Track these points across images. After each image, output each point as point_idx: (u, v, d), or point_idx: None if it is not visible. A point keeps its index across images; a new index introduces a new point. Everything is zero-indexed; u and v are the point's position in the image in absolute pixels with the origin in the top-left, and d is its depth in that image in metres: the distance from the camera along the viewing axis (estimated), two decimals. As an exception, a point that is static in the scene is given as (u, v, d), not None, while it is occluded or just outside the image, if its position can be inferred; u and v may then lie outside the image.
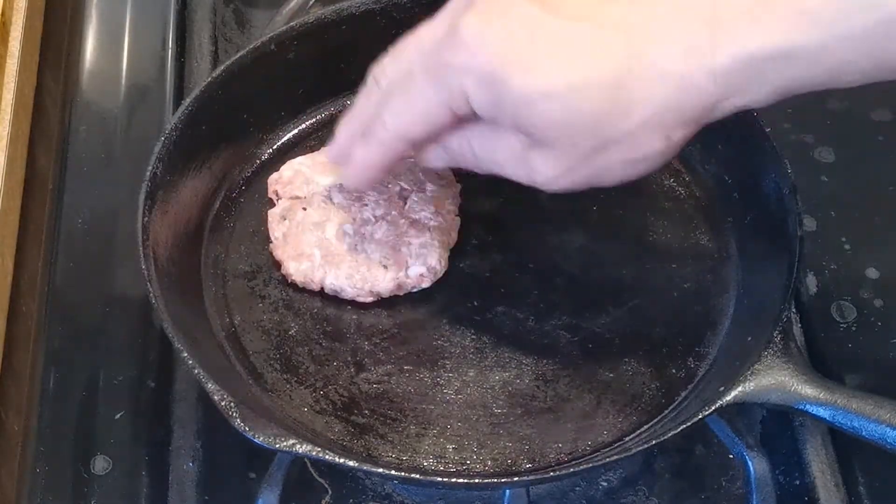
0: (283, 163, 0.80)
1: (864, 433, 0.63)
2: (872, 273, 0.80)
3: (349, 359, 0.72)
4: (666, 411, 0.70)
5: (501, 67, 0.58)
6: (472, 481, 0.66)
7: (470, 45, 0.58)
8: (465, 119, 0.62)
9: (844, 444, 0.72)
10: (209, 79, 0.78)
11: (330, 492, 0.71)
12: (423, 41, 0.63)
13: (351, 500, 0.71)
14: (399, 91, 0.64)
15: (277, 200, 0.78)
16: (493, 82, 0.58)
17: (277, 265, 0.76)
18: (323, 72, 0.83)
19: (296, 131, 0.83)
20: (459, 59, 0.59)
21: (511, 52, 0.58)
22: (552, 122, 0.59)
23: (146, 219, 0.71)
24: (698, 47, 0.57)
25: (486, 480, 0.67)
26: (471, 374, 0.72)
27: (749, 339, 0.69)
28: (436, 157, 0.67)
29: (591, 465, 0.66)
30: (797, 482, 0.72)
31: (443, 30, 0.61)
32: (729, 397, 0.64)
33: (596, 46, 0.58)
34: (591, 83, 0.57)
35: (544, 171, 0.61)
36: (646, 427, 0.69)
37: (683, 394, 0.71)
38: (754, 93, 0.58)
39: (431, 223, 0.76)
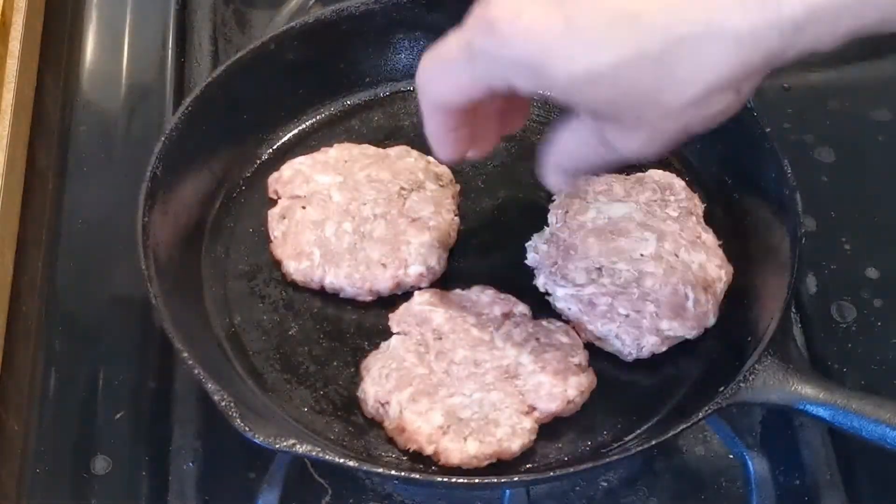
0: (283, 163, 0.80)
1: (864, 433, 0.63)
2: (872, 273, 0.80)
3: (349, 359, 0.72)
4: (666, 411, 0.70)
5: (539, 55, 0.54)
6: (472, 481, 0.66)
7: (504, 32, 0.55)
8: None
9: (844, 444, 0.72)
10: (209, 79, 0.78)
11: (330, 492, 0.70)
12: (463, 27, 0.58)
13: (351, 500, 0.71)
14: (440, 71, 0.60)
15: (277, 200, 0.78)
16: (532, 73, 0.55)
17: (277, 264, 0.76)
18: (323, 72, 0.83)
19: (296, 131, 0.83)
20: (494, 47, 0.55)
21: (547, 36, 0.54)
22: (606, 100, 0.56)
23: (146, 219, 0.71)
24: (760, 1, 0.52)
25: (486, 480, 0.66)
26: (471, 374, 0.72)
27: (749, 339, 0.69)
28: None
29: (591, 465, 0.66)
30: (797, 482, 0.72)
31: (478, 12, 0.57)
32: (729, 397, 0.64)
33: (636, 17, 0.53)
34: (636, 58, 0.53)
35: (625, 146, 0.58)
36: (646, 427, 0.69)
37: (683, 394, 0.71)
38: (825, 39, 0.53)
39: (431, 223, 0.76)
